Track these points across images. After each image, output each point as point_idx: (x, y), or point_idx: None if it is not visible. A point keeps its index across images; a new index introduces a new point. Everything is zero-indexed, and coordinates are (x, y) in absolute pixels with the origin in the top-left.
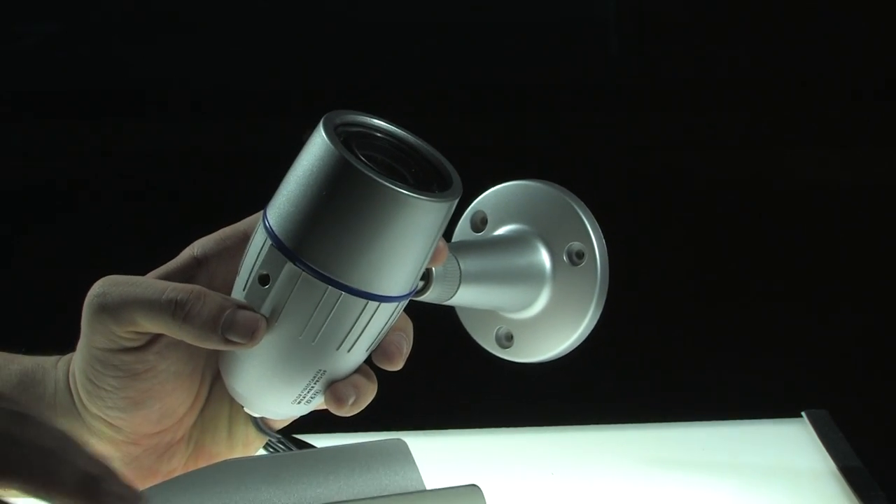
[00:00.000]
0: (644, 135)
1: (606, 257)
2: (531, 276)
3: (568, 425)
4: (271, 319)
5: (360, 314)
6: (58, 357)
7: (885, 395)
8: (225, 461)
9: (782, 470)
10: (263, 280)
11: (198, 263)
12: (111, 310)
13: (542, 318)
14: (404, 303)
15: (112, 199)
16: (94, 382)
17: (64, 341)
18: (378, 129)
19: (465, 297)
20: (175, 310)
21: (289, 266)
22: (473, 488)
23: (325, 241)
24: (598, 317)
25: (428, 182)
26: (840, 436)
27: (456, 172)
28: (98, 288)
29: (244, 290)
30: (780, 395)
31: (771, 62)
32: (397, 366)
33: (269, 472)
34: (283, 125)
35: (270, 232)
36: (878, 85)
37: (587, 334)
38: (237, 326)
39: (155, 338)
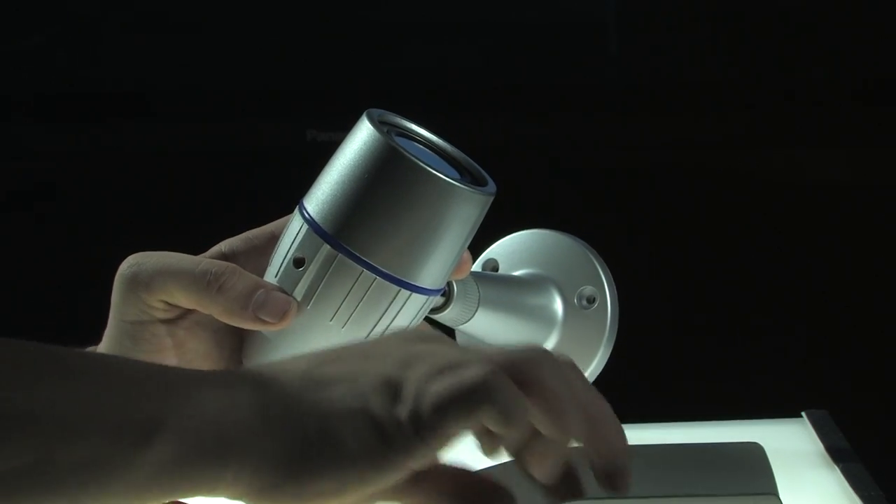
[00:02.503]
0: (643, 135)
1: (617, 303)
2: (543, 316)
3: None
4: (303, 303)
5: (392, 302)
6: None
7: (885, 395)
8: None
9: (782, 470)
10: (298, 263)
11: (225, 259)
12: (144, 280)
13: None
14: (431, 302)
15: (111, 200)
16: None
17: (72, 340)
18: (415, 132)
19: (480, 325)
20: (210, 281)
21: (326, 248)
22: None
23: (365, 226)
24: (604, 362)
25: (464, 181)
26: (840, 436)
27: (489, 177)
28: (130, 260)
29: (276, 275)
30: (780, 395)
31: (770, 62)
32: None
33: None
34: (282, 125)
35: (308, 218)
36: (878, 85)
37: (593, 380)
38: (269, 305)
39: (185, 313)
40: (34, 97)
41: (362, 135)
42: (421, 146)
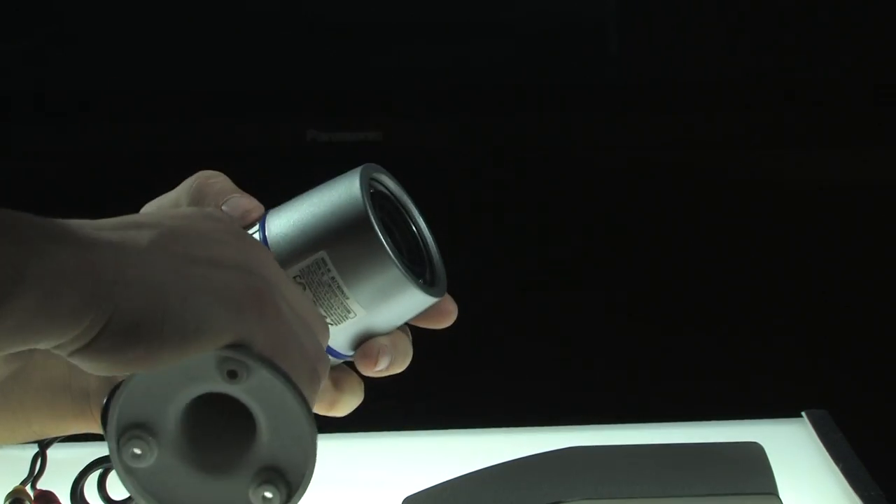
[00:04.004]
0: (643, 135)
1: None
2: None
3: (567, 425)
4: None
5: None
6: None
7: (885, 395)
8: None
9: (782, 470)
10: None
11: None
12: None
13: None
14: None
15: (111, 199)
16: None
17: None
18: (408, 211)
19: None
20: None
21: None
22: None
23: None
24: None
25: (416, 275)
26: (840, 436)
27: (445, 282)
28: None
29: None
30: (780, 395)
31: (770, 62)
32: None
33: (628, 459)
34: (282, 125)
35: (263, 223)
36: (878, 85)
37: None
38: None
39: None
40: (34, 97)
41: (348, 200)
42: (401, 224)
